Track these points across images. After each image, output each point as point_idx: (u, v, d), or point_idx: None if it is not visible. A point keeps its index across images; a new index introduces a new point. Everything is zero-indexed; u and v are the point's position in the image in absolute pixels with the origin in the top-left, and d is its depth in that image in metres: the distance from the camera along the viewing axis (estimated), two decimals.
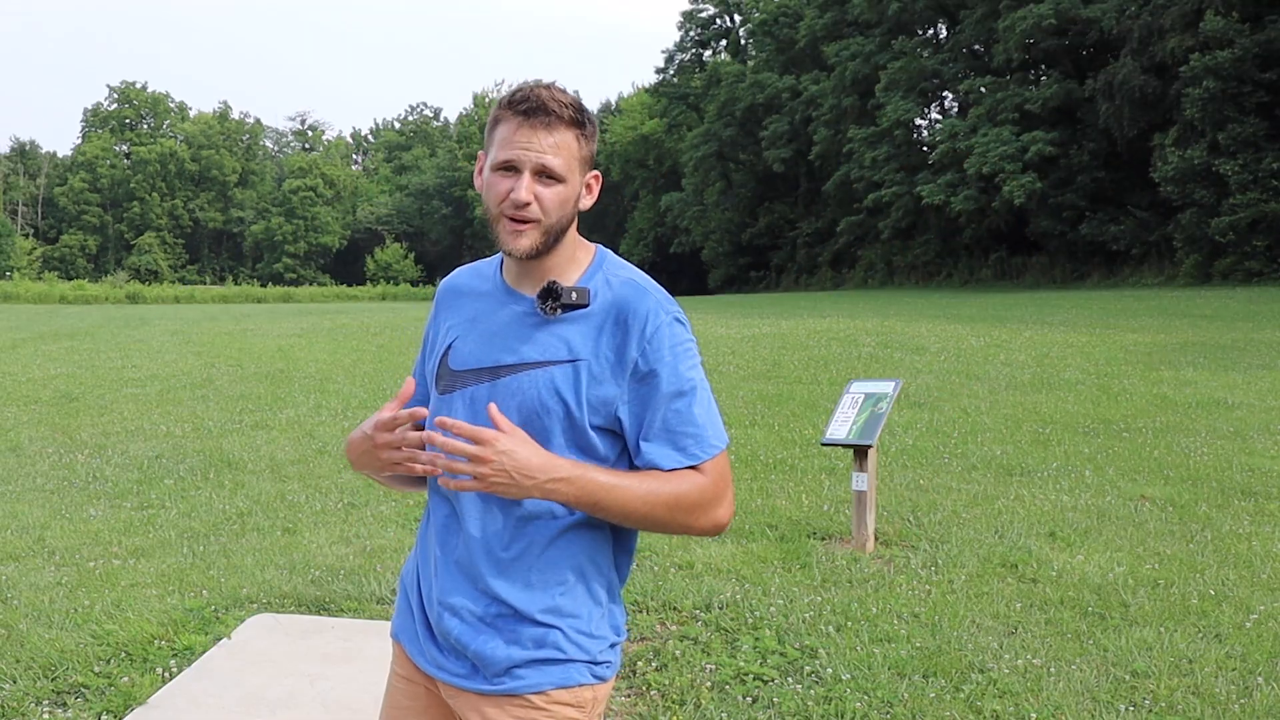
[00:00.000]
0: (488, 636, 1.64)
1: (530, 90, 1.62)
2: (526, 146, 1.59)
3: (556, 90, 1.63)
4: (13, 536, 5.59)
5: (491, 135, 1.66)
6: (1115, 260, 32.23)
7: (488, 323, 1.71)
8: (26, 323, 21.41)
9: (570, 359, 1.63)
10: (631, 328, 1.63)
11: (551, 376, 1.63)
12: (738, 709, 3.43)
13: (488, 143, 1.67)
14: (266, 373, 12.36)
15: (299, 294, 56.52)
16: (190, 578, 4.84)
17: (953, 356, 12.72)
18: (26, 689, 3.61)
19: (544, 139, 1.59)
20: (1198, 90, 27.28)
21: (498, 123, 1.64)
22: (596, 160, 1.69)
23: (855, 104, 41.19)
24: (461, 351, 1.72)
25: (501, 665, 1.63)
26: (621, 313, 1.64)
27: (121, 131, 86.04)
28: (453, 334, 1.75)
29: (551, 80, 1.68)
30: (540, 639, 1.64)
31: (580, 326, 1.64)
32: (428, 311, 1.90)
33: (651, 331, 1.63)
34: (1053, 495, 6.29)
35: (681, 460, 1.63)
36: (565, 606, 1.65)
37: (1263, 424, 8.28)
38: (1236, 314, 17.05)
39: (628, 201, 62.69)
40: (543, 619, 1.64)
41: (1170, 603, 4.37)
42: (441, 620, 1.68)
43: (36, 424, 9.24)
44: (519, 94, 1.63)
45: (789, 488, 6.57)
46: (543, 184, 1.60)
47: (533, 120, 1.59)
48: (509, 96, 1.64)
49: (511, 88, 1.70)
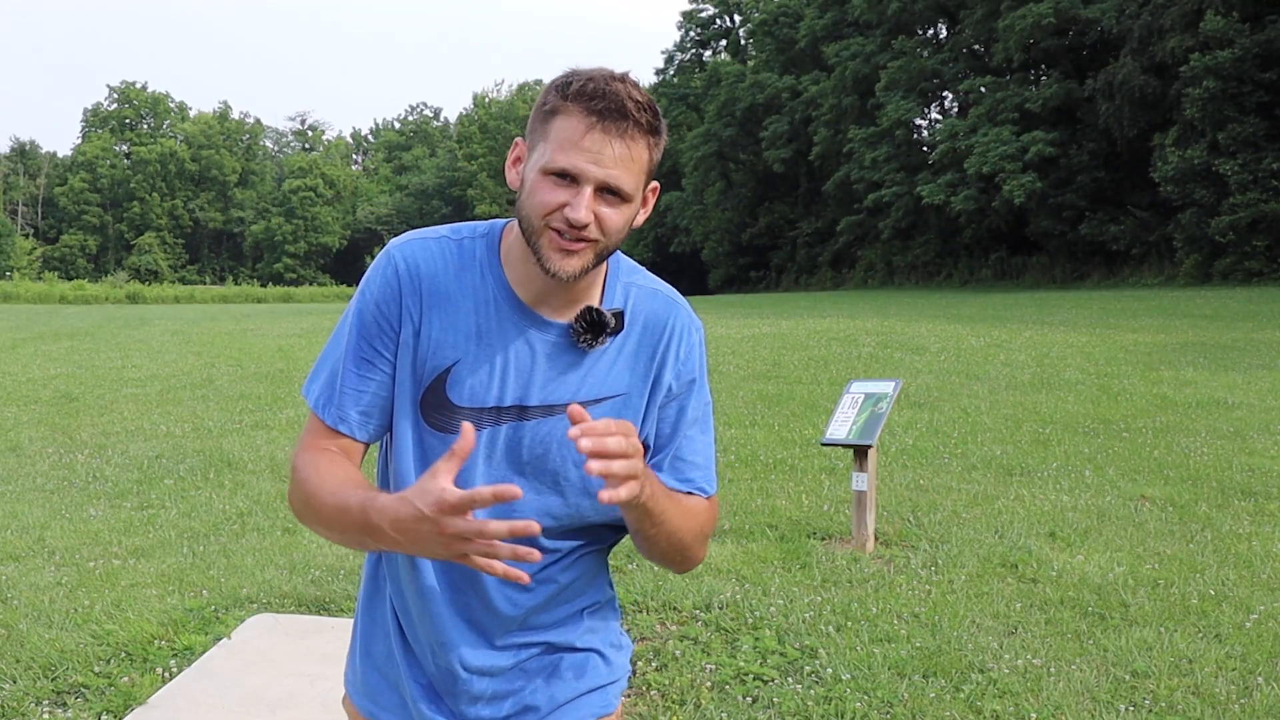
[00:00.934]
0: (524, 681, 1.51)
1: (605, 83, 1.32)
2: (596, 158, 1.30)
3: (632, 86, 1.34)
4: (13, 536, 5.59)
5: (545, 127, 1.35)
6: (1115, 260, 32.23)
7: (502, 348, 1.41)
8: (26, 323, 21.41)
9: (612, 395, 1.45)
10: (662, 347, 1.47)
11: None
12: (738, 709, 3.43)
13: (537, 133, 1.36)
14: (266, 373, 12.36)
15: (299, 294, 56.51)
16: (190, 578, 4.84)
17: (953, 356, 12.72)
18: (26, 689, 3.61)
19: (616, 149, 1.31)
20: (1198, 90, 27.27)
21: (555, 114, 1.33)
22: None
23: (855, 104, 41.18)
24: (469, 384, 1.41)
25: (545, 710, 1.52)
26: (650, 329, 1.47)
27: (121, 131, 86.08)
28: (451, 354, 1.42)
29: (624, 71, 1.36)
30: (580, 667, 1.54)
31: (613, 353, 1.45)
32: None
33: (685, 354, 1.49)
34: (1053, 495, 6.29)
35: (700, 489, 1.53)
36: (598, 625, 1.57)
37: (1263, 424, 8.28)
38: (1236, 314, 17.05)
39: None
40: (582, 645, 1.54)
41: (1170, 603, 4.37)
42: (470, 686, 1.48)
43: (36, 424, 9.24)
44: (590, 85, 1.32)
45: (789, 488, 6.57)
46: (606, 202, 1.33)
47: (605, 124, 1.31)
48: (578, 86, 1.32)
49: (572, 70, 1.36)
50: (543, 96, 1.37)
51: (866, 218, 41.16)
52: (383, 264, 1.44)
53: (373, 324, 1.43)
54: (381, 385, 1.44)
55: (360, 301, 1.45)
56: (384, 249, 1.47)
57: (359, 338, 1.43)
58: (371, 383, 1.43)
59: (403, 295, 1.41)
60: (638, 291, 1.49)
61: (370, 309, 1.43)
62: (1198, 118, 27.75)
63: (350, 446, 1.46)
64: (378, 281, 1.43)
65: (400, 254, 1.44)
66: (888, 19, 40.32)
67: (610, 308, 1.44)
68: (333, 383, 1.45)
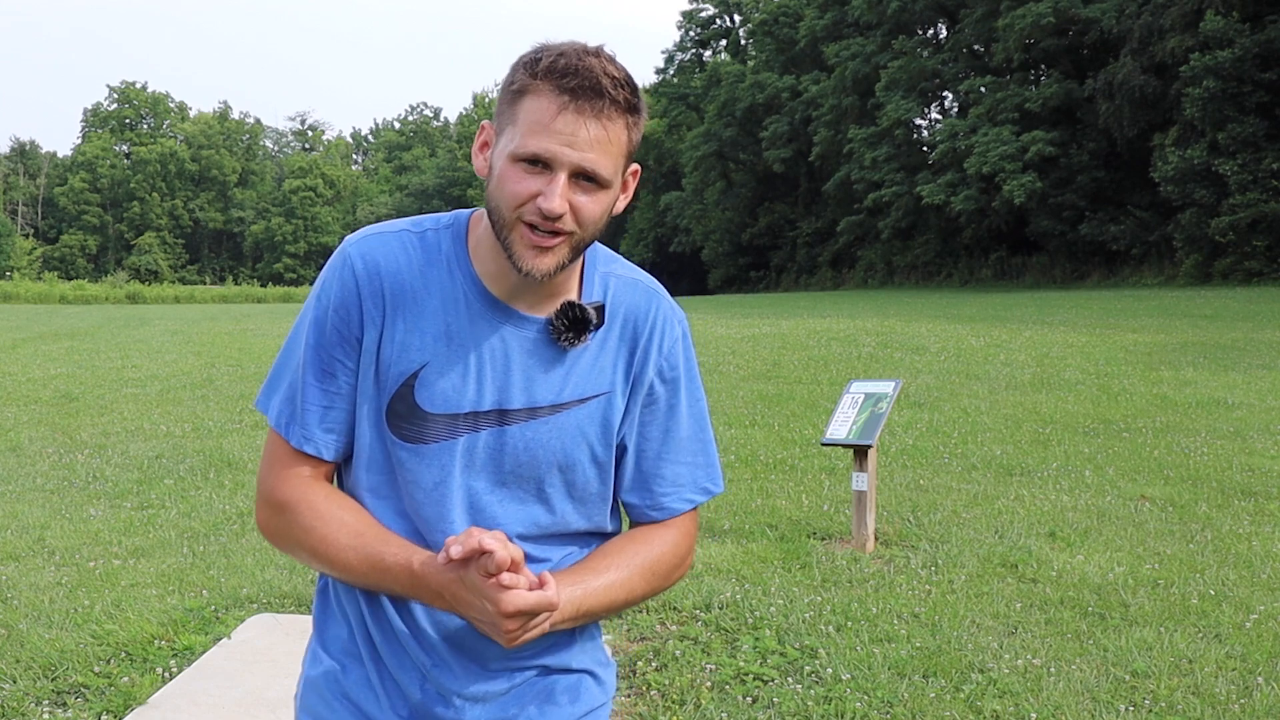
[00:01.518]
0: (518, 709, 1.41)
1: (577, 58, 1.20)
2: (570, 141, 1.19)
3: (608, 60, 1.23)
4: (13, 536, 5.58)
5: (513, 109, 1.23)
6: (1115, 260, 32.25)
7: (475, 348, 1.31)
8: (26, 323, 21.40)
9: (596, 394, 1.36)
10: (644, 341, 1.39)
11: (579, 422, 1.35)
12: (738, 709, 3.43)
13: (505, 116, 1.25)
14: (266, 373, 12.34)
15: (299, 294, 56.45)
16: (190, 578, 4.84)
17: (953, 356, 12.72)
18: (27, 689, 3.61)
19: (591, 130, 1.20)
20: (1198, 90, 27.28)
21: (524, 94, 1.22)
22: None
23: (855, 104, 41.20)
24: (441, 388, 1.30)
25: None
26: (629, 322, 1.38)
27: (121, 131, 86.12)
28: (418, 356, 1.30)
29: (598, 45, 1.25)
30: (574, 690, 1.46)
31: (595, 348, 1.36)
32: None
33: (669, 347, 1.40)
34: (1053, 495, 6.29)
35: (690, 500, 1.45)
36: (587, 645, 1.49)
37: (1263, 424, 8.28)
38: (1236, 314, 17.05)
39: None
40: (576, 665, 1.46)
41: (1170, 603, 4.37)
42: (462, 714, 1.37)
43: (36, 424, 9.24)
44: (561, 61, 1.20)
45: (789, 488, 6.57)
46: (582, 189, 1.23)
47: (579, 104, 1.19)
48: (548, 62, 1.20)
49: (541, 45, 1.24)
50: (510, 74, 1.25)
51: (866, 218, 41.19)
52: (338, 264, 1.32)
53: (332, 332, 1.31)
54: (346, 399, 1.33)
55: (317, 307, 1.32)
56: (339, 248, 1.35)
57: (318, 347, 1.32)
58: (336, 397, 1.33)
59: (362, 298, 1.30)
60: (617, 282, 1.39)
61: (328, 315, 1.31)
62: (1198, 118, 27.76)
63: (319, 467, 1.36)
64: (335, 284, 1.31)
65: (357, 252, 1.31)
66: (888, 19, 40.33)
67: (590, 301, 1.35)
68: (293, 398, 1.34)
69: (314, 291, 1.35)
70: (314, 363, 1.32)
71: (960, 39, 38.85)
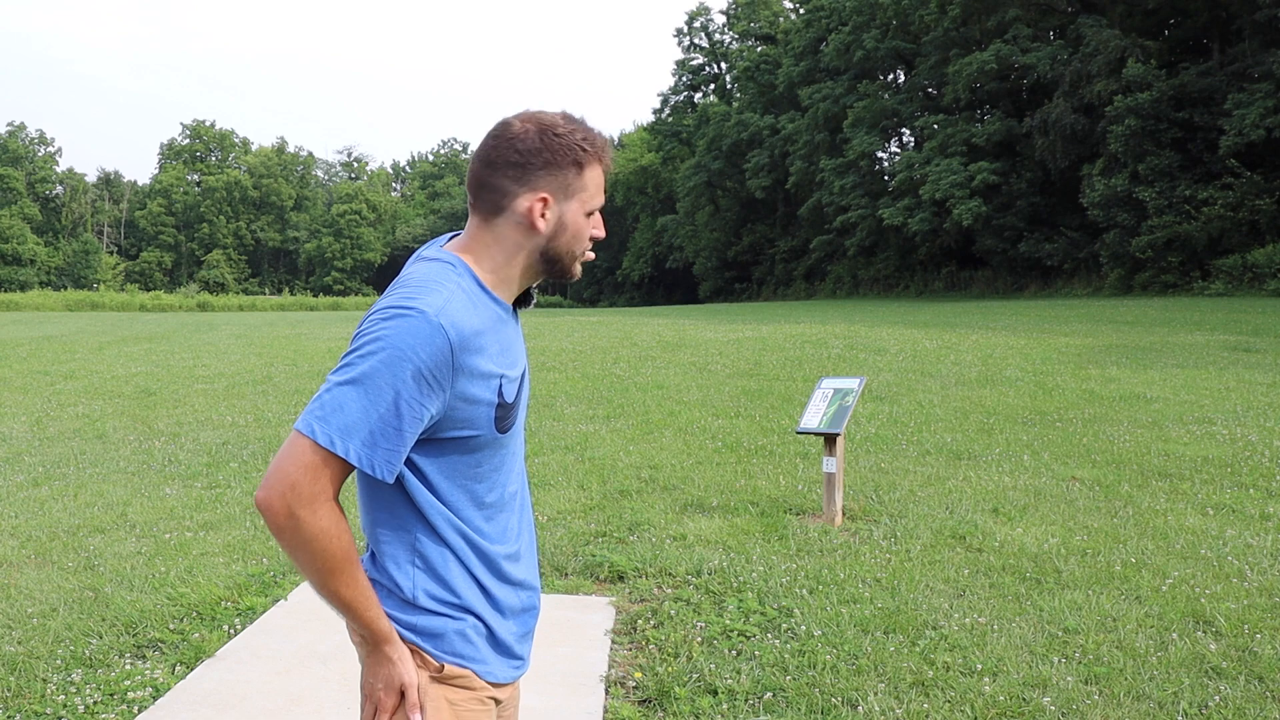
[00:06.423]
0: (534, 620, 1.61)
1: (600, 136, 1.44)
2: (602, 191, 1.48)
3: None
4: (99, 512, 5.58)
5: (579, 179, 1.42)
6: (1049, 274, 32.26)
7: (510, 341, 1.46)
8: (111, 328, 21.38)
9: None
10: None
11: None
12: (724, 661, 3.43)
13: (571, 182, 1.42)
14: (319, 370, 12.34)
15: (346, 303, 56.50)
16: (252, 548, 4.84)
17: (909, 357, 12.70)
18: (111, 643, 3.61)
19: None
20: (1120, 127, 27.32)
21: (585, 166, 1.42)
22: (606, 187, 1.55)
23: (826, 139, 41.21)
24: (511, 379, 1.45)
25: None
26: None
27: (193, 163, 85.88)
28: (498, 371, 1.41)
29: (579, 115, 1.47)
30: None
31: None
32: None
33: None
34: (995, 477, 6.29)
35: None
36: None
37: (1177, 415, 8.27)
38: (1154, 320, 17.03)
39: (629, 223, 62.81)
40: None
41: (1097, 569, 4.36)
42: (535, 605, 1.55)
43: (119, 415, 9.23)
44: (599, 139, 1.44)
45: (768, 470, 6.56)
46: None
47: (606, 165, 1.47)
48: (600, 144, 1.43)
49: (571, 122, 1.42)
50: (564, 147, 1.40)
51: (835, 237, 41.19)
52: (426, 333, 1.28)
53: (429, 390, 1.30)
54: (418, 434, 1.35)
55: (411, 367, 1.28)
56: (420, 314, 1.29)
57: (414, 401, 1.29)
58: (415, 437, 1.33)
59: (455, 356, 1.31)
60: None
61: (426, 376, 1.29)
62: (1121, 151, 27.78)
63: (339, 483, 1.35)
64: (426, 351, 1.28)
65: (447, 323, 1.30)
66: (854, 65, 40.35)
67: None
68: (377, 442, 1.29)
69: (394, 348, 1.28)
70: (410, 413, 1.30)
71: (916, 82, 38.84)
